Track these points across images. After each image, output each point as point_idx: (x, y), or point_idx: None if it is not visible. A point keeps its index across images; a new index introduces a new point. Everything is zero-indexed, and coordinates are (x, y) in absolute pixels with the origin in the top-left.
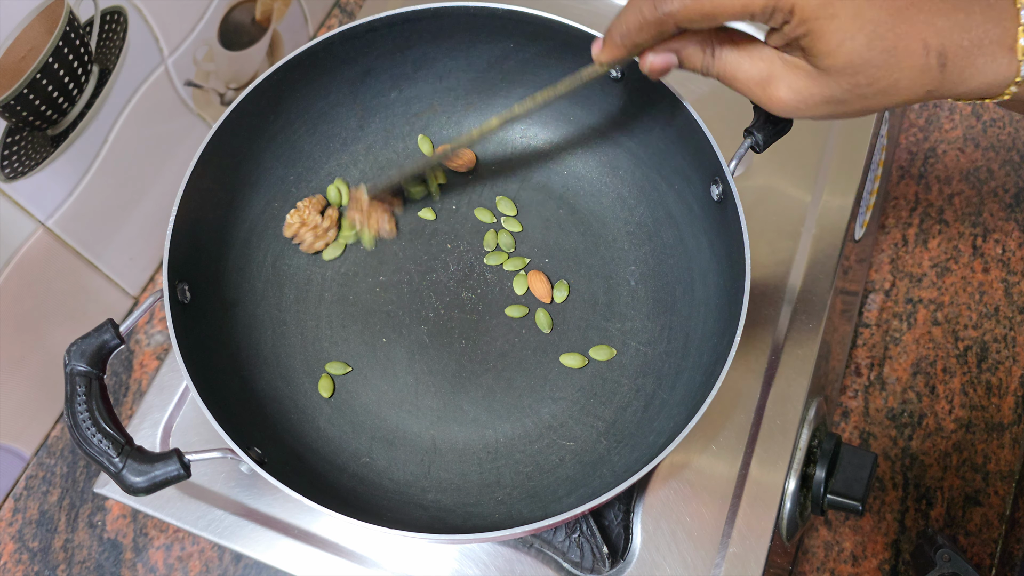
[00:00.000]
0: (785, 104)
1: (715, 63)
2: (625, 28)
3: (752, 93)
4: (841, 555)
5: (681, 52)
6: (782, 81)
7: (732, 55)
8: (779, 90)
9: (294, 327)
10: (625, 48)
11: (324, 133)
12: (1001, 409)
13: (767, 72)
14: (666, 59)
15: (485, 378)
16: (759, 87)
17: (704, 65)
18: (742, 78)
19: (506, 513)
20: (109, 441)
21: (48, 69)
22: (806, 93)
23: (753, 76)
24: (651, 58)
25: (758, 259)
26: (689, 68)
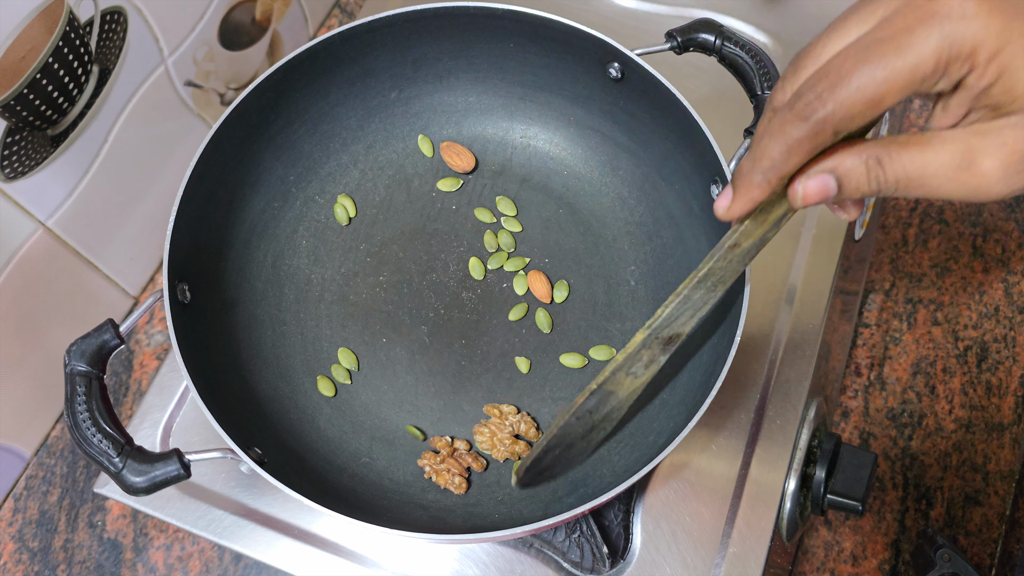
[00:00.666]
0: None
1: (887, 172)
2: (769, 162)
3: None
4: (841, 555)
5: (838, 172)
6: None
7: (906, 153)
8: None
9: (294, 327)
10: (770, 187)
11: (324, 133)
12: (1001, 409)
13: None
14: (823, 183)
15: (485, 378)
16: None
17: (873, 180)
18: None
19: (506, 513)
20: (109, 441)
21: (48, 69)
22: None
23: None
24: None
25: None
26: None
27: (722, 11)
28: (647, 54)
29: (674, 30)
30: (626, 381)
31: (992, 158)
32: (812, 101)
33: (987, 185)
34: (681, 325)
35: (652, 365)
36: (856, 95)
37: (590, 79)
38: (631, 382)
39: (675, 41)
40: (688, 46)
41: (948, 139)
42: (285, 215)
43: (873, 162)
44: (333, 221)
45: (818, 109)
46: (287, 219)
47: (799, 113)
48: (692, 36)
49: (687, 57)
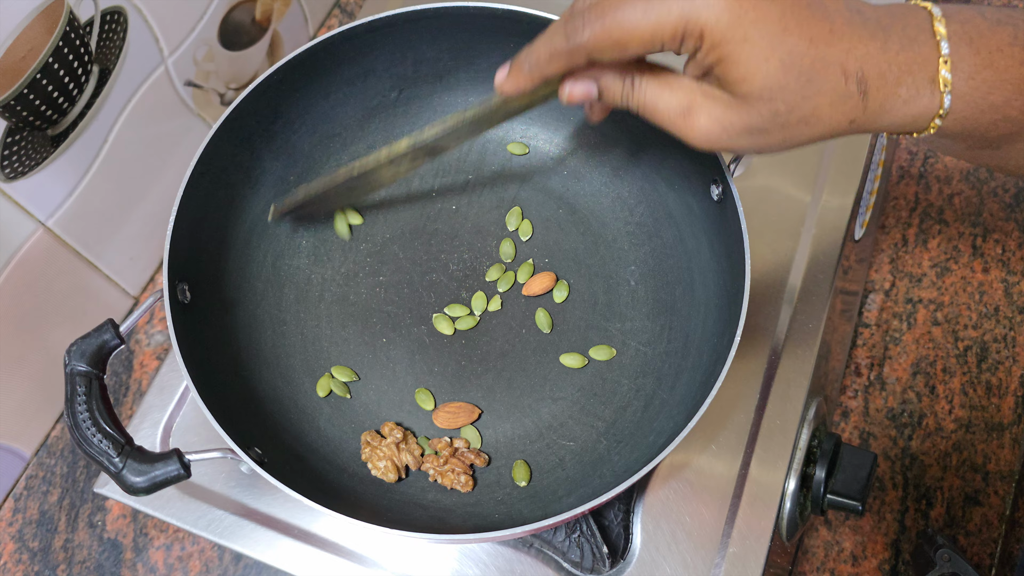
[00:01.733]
0: (706, 134)
1: (635, 94)
2: (535, 58)
3: (673, 125)
4: (841, 555)
5: (600, 81)
6: (702, 111)
7: (652, 86)
8: (699, 120)
9: (294, 327)
10: (532, 79)
11: (324, 133)
12: (1001, 409)
13: (687, 102)
14: (586, 87)
15: (485, 378)
16: (680, 118)
17: (624, 95)
18: (662, 109)
19: (506, 513)
20: (109, 441)
21: (48, 69)
22: (726, 122)
23: (673, 107)
24: (570, 87)
25: (758, 259)
26: (609, 99)
27: None
28: None
29: None
30: (389, 169)
31: (704, 118)
32: (577, 26)
33: (694, 137)
34: (445, 143)
35: (416, 162)
36: (604, 34)
37: None
38: (393, 171)
39: None
40: None
41: (684, 87)
42: (285, 215)
43: (628, 83)
44: (333, 221)
45: (577, 33)
46: (287, 219)
47: (567, 30)
48: None
49: None
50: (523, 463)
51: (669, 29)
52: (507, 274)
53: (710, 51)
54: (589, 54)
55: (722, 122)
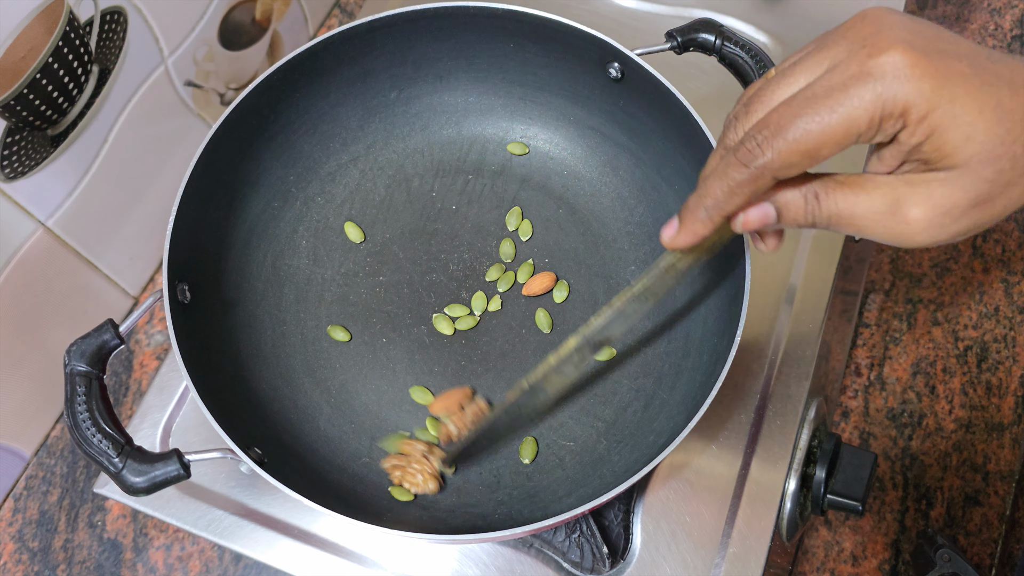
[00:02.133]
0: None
1: (822, 207)
2: (712, 200)
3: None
4: (841, 555)
5: (778, 202)
6: (913, 200)
7: (842, 191)
8: (913, 212)
9: (294, 327)
10: (713, 223)
11: (324, 133)
12: (1001, 409)
13: (891, 197)
14: (763, 212)
15: (485, 378)
16: (888, 217)
17: (809, 213)
18: (862, 213)
19: (506, 513)
20: (109, 441)
21: (48, 69)
22: (948, 203)
23: (877, 207)
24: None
25: (758, 259)
26: (791, 219)
27: (722, 11)
28: (647, 54)
29: (674, 30)
30: (556, 379)
31: (918, 208)
32: (753, 149)
33: (911, 233)
34: (611, 332)
35: (581, 364)
36: (792, 146)
37: (590, 79)
38: (560, 380)
39: (675, 41)
40: (688, 46)
41: (880, 184)
42: (285, 215)
43: (811, 196)
44: (333, 221)
45: (758, 157)
46: (287, 219)
47: (741, 159)
48: (692, 36)
49: (687, 57)
50: (532, 440)
51: (865, 117)
52: (507, 274)
53: (918, 125)
54: (775, 174)
55: (944, 204)
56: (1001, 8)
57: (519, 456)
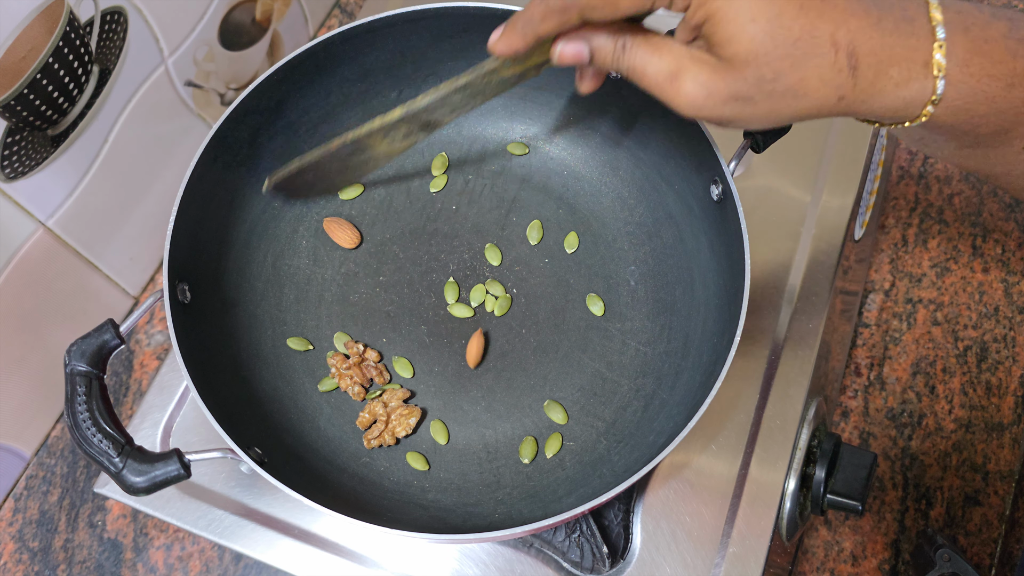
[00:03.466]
0: (691, 100)
1: (625, 56)
2: (528, 16)
3: (661, 90)
4: (841, 555)
5: (592, 42)
6: (688, 75)
7: (642, 49)
8: (685, 85)
9: (294, 327)
10: (525, 37)
11: (324, 133)
12: (1001, 409)
13: (675, 66)
14: (577, 48)
15: (485, 378)
16: (667, 82)
17: (615, 58)
18: (651, 73)
19: (506, 513)
20: (109, 441)
21: (48, 69)
22: (711, 87)
23: (661, 71)
24: (561, 46)
25: (758, 259)
26: (599, 61)
27: None
28: None
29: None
30: (383, 143)
31: (690, 83)
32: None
33: (679, 103)
34: (439, 116)
35: (410, 137)
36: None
37: None
38: (388, 145)
39: None
40: None
41: (673, 51)
42: (285, 215)
43: (620, 47)
44: None
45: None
46: (287, 219)
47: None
48: None
49: None
50: (532, 440)
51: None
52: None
53: (698, 7)
54: (581, 11)
55: (708, 87)
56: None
57: (519, 456)
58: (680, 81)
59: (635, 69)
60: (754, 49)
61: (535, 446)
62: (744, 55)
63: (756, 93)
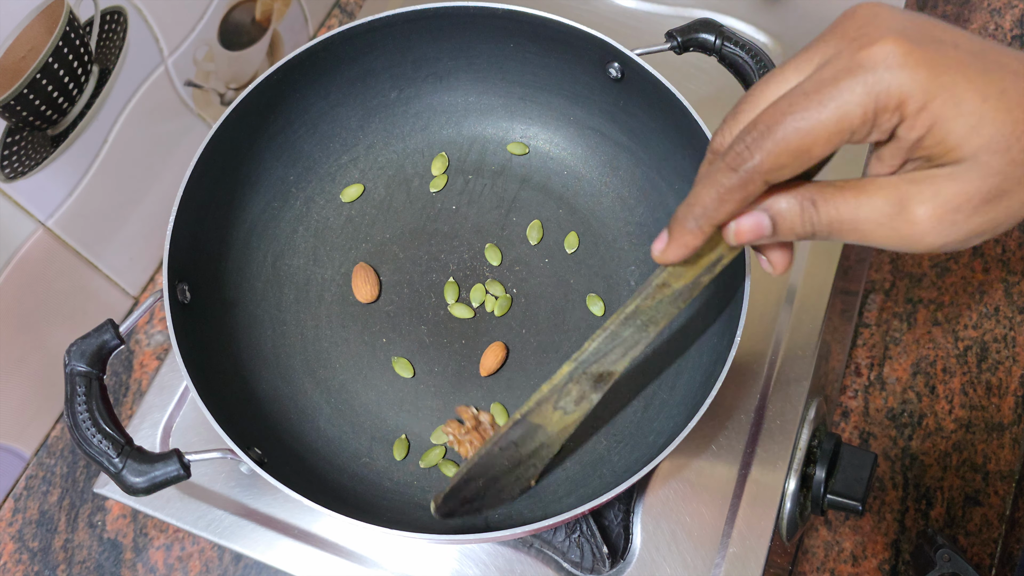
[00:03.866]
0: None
1: (820, 214)
2: (701, 209)
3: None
4: (841, 555)
5: (772, 211)
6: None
7: (840, 196)
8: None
9: (294, 327)
10: (703, 234)
11: (324, 133)
12: (1001, 409)
13: (895, 197)
14: (757, 221)
15: (485, 378)
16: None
17: (807, 221)
18: (865, 217)
19: (506, 513)
20: (109, 441)
21: (48, 69)
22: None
23: (880, 209)
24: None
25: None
26: (787, 229)
27: (722, 11)
28: (647, 54)
29: (674, 30)
30: (555, 416)
31: (925, 206)
32: (741, 152)
33: (919, 234)
34: (612, 363)
35: (583, 402)
36: (781, 146)
37: (590, 79)
38: (560, 417)
39: (675, 41)
40: (688, 46)
41: (883, 185)
42: (285, 215)
43: (808, 204)
44: (333, 221)
45: (747, 160)
46: (287, 219)
47: (730, 163)
48: (692, 36)
49: (687, 57)
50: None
51: (858, 111)
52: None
53: (917, 117)
54: (766, 177)
55: (954, 200)
56: (1001, 8)
57: None
58: (910, 211)
59: (842, 222)
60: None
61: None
62: (989, 143)
63: (1009, 183)
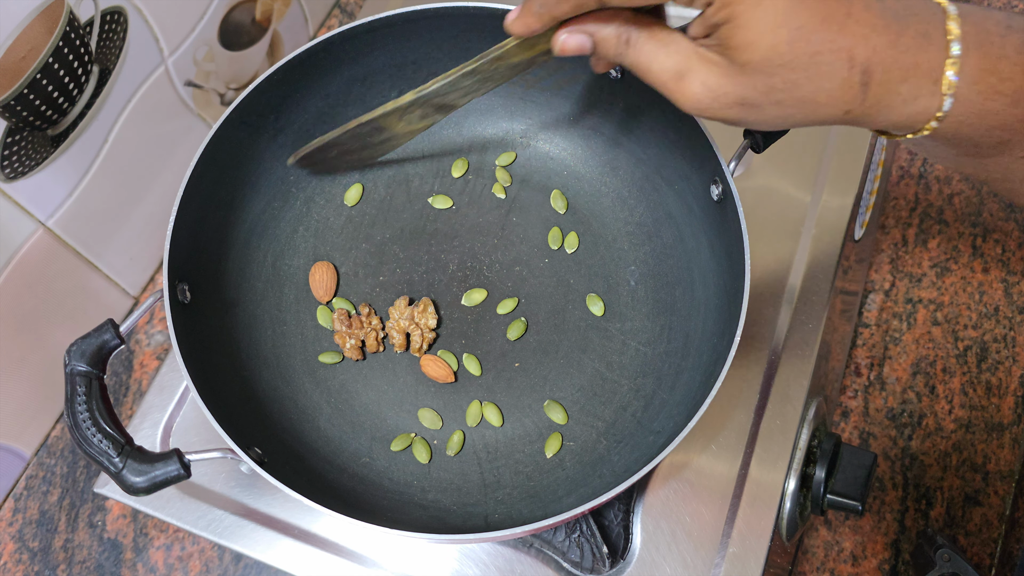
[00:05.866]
0: (696, 100)
1: (629, 51)
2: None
3: (665, 87)
4: (841, 555)
5: (596, 35)
6: (696, 76)
7: (648, 44)
8: (692, 85)
9: (294, 327)
10: (541, 19)
11: (324, 132)
12: (1001, 409)
13: (682, 65)
14: (579, 40)
15: (485, 378)
16: (672, 80)
17: (617, 52)
18: (656, 69)
19: (506, 513)
20: (109, 441)
21: (48, 69)
22: (719, 91)
23: (668, 68)
24: (563, 37)
25: (758, 259)
26: (602, 54)
27: None
28: None
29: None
30: (400, 123)
31: (696, 84)
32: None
33: (683, 101)
34: (452, 99)
35: (427, 119)
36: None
37: (590, 78)
38: (405, 125)
39: None
40: None
41: (680, 49)
42: (285, 215)
43: (623, 39)
44: (333, 221)
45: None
46: (287, 219)
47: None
48: None
49: None
50: (558, 435)
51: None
52: None
53: (721, 7)
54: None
55: (715, 90)
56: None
57: (543, 451)
58: (686, 81)
59: (639, 64)
60: (771, 58)
61: (559, 443)
62: (759, 63)
63: (764, 101)
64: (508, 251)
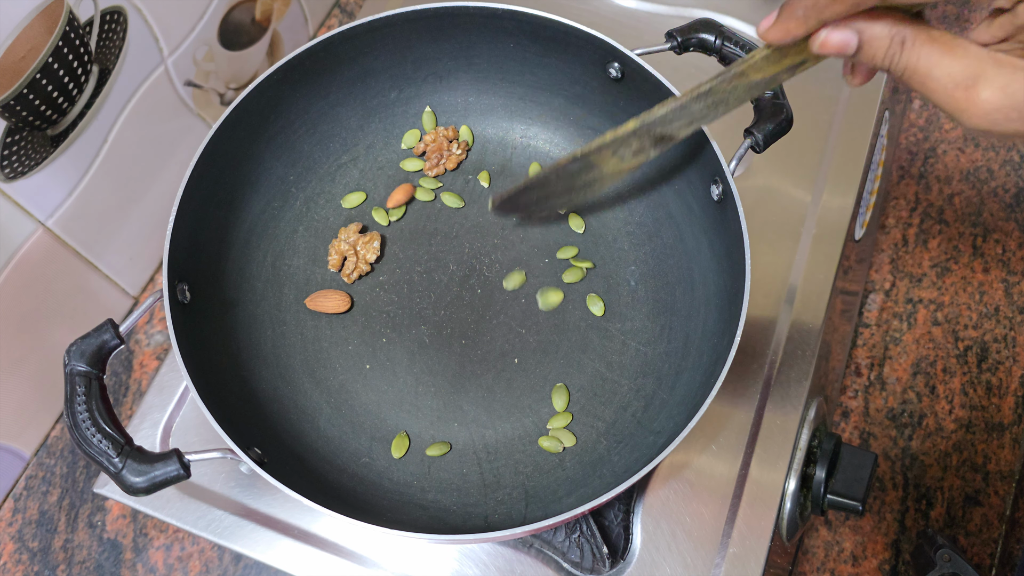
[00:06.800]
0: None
1: (904, 54)
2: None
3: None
4: (841, 555)
5: (865, 33)
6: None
7: (928, 47)
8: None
9: (294, 327)
10: (806, 24)
11: (324, 133)
12: (1001, 409)
13: (973, 70)
14: (845, 38)
15: (485, 378)
16: (959, 88)
17: (888, 55)
18: (939, 76)
19: (506, 513)
20: (109, 441)
21: (48, 69)
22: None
23: (955, 75)
24: (827, 33)
25: (758, 259)
26: (868, 57)
27: (722, 11)
28: (647, 54)
29: (674, 30)
30: (612, 160)
31: (992, 91)
32: None
33: (972, 113)
34: (675, 129)
35: (640, 155)
36: None
37: (590, 79)
38: (616, 163)
39: (675, 41)
40: (688, 46)
41: (969, 53)
42: (285, 215)
43: (898, 40)
44: (333, 221)
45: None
46: (287, 219)
47: None
48: (692, 36)
49: (687, 57)
50: (569, 433)
51: None
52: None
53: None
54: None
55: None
56: None
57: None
58: (976, 89)
59: (917, 70)
60: None
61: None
62: None
63: None
64: (508, 251)
